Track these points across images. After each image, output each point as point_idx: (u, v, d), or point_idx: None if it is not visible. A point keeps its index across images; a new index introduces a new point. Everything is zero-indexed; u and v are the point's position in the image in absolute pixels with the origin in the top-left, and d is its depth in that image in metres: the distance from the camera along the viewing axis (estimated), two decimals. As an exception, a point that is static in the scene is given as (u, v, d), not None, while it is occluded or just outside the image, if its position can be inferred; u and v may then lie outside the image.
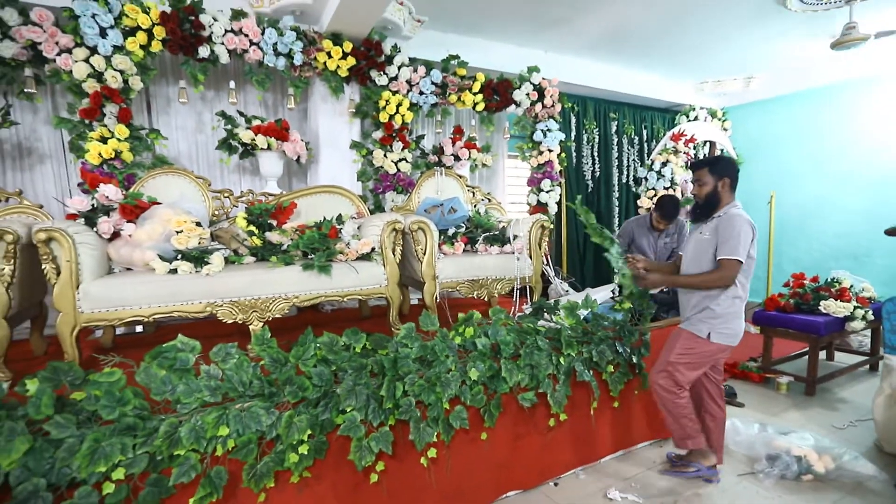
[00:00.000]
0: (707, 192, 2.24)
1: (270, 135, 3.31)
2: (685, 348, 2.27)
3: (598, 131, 5.39)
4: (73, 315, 2.08)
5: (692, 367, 2.28)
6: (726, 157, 2.29)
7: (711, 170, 2.23)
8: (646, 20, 4.03)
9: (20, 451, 1.38)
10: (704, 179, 2.24)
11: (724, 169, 2.22)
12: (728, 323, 2.20)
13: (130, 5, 2.84)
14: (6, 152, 3.18)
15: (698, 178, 2.27)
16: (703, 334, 2.23)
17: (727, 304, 2.19)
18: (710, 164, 2.25)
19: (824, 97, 5.39)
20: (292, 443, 1.72)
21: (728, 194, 2.23)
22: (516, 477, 2.28)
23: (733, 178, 2.24)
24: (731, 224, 2.12)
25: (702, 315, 2.25)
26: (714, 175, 2.22)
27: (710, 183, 2.22)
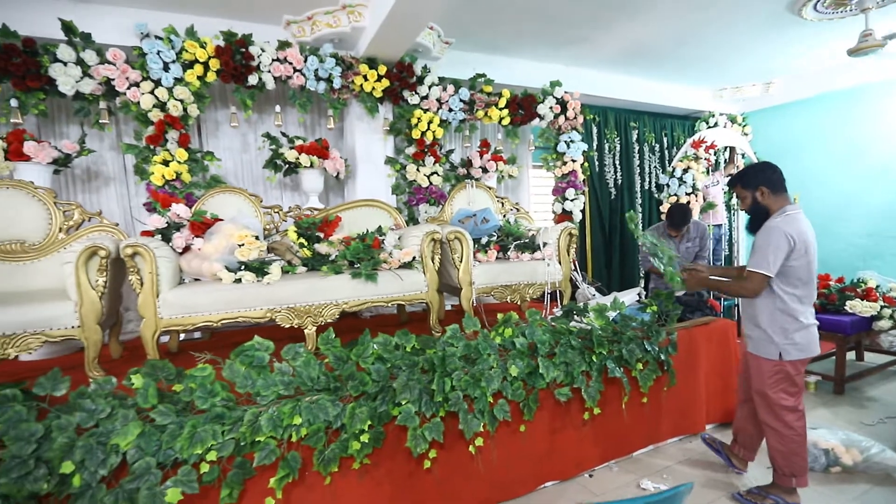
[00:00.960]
0: (749, 204, 2.24)
1: (312, 153, 3.56)
2: (769, 376, 2.18)
3: (620, 140, 5.54)
4: (155, 320, 2.33)
5: (791, 391, 2.17)
6: (757, 164, 2.34)
7: (743, 184, 2.24)
8: (662, 34, 4.20)
9: (133, 434, 1.62)
10: (742, 194, 2.25)
11: (755, 178, 2.20)
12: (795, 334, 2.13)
13: (189, 41, 3.14)
14: (77, 176, 3.50)
15: (737, 195, 2.30)
16: (775, 356, 2.17)
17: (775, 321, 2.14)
18: (739, 178, 2.26)
19: (847, 99, 5.43)
20: (355, 432, 1.92)
21: (774, 200, 2.17)
22: (554, 468, 2.44)
23: (771, 183, 2.17)
24: (766, 236, 2.10)
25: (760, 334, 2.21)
26: (748, 188, 2.22)
27: (748, 195, 2.22)
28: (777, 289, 2.13)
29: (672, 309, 2.86)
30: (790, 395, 2.18)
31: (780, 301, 2.13)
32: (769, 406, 2.21)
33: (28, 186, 2.68)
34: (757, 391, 2.26)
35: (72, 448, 1.55)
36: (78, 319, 2.22)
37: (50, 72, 2.83)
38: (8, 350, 2.09)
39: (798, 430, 2.18)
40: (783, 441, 2.19)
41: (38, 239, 2.68)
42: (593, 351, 2.48)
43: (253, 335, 1.97)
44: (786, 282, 2.11)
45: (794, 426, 2.17)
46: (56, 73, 2.83)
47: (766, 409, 2.23)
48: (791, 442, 2.18)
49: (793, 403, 2.18)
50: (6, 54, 2.73)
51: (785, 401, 2.18)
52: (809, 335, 2.15)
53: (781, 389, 2.18)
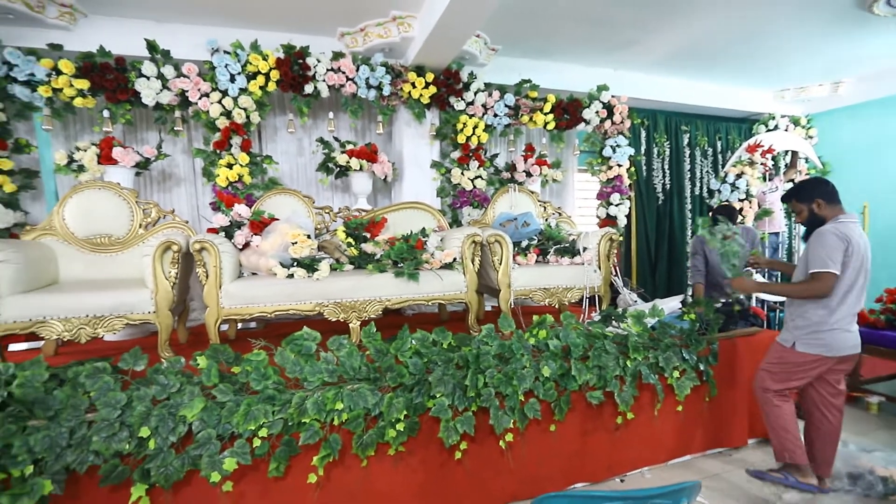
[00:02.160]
0: (806, 217, 2.35)
1: (362, 157, 3.76)
2: (774, 357, 2.41)
3: (669, 144, 5.41)
4: (217, 309, 2.58)
5: (779, 377, 2.36)
6: (809, 179, 2.42)
7: (799, 198, 2.35)
8: (716, 34, 4.08)
9: (198, 408, 1.83)
10: (798, 208, 2.37)
11: (811, 191, 2.31)
12: (817, 333, 2.24)
13: (253, 54, 3.41)
14: (154, 178, 3.88)
15: (793, 210, 2.42)
16: (788, 343, 2.34)
17: (815, 315, 2.25)
18: (794, 193, 2.39)
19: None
20: (391, 420, 2.05)
21: (829, 210, 2.28)
22: (585, 470, 2.48)
23: (825, 194, 2.28)
24: (818, 239, 2.20)
25: (790, 325, 2.37)
26: (804, 202, 2.33)
27: (804, 209, 2.34)
28: None
29: (713, 318, 2.81)
30: (776, 382, 2.36)
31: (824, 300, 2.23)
32: (759, 381, 2.43)
33: (115, 187, 3.02)
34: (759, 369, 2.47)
35: (148, 416, 1.78)
36: (153, 305, 2.50)
37: (136, 86, 3.18)
38: (98, 329, 2.40)
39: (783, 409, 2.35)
40: (769, 418, 2.39)
41: (122, 233, 3.01)
42: (628, 356, 2.49)
43: (302, 327, 2.16)
44: None
45: (777, 404, 2.36)
46: (140, 86, 3.18)
47: (756, 382, 2.45)
48: (777, 419, 2.36)
49: (776, 388, 2.36)
50: (101, 72, 3.09)
51: (768, 384, 2.38)
52: (835, 337, 2.23)
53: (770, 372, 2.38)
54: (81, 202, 2.94)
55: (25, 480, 1.66)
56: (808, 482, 2.34)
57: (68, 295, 2.40)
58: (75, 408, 1.78)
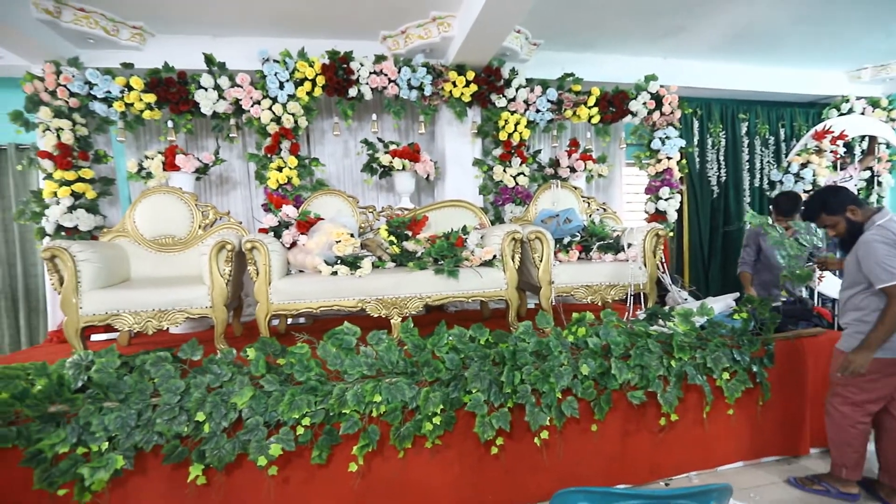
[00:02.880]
0: (843, 228, 2.24)
1: (405, 157, 3.84)
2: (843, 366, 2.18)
3: (725, 134, 5.12)
4: (267, 305, 2.73)
5: (856, 390, 2.19)
6: (826, 188, 2.32)
7: (829, 211, 2.24)
8: (777, 14, 3.81)
9: (247, 396, 1.96)
10: (831, 221, 2.26)
11: (839, 201, 2.22)
12: None
13: (301, 62, 3.57)
14: (211, 182, 4.16)
15: (826, 225, 2.29)
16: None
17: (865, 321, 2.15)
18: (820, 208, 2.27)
19: None
20: (428, 414, 2.10)
21: (863, 213, 2.20)
22: (626, 471, 2.42)
23: (854, 199, 2.22)
24: (869, 252, 2.08)
25: (851, 330, 2.23)
26: (836, 213, 2.23)
27: (839, 220, 2.23)
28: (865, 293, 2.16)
29: (769, 318, 2.65)
30: (859, 390, 2.19)
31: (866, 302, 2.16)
32: (834, 394, 2.28)
33: (178, 192, 3.27)
34: (830, 378, 2.32)
35: (203, 402, 1.93)
36: (210, 301, 2.69)
37: (195, 97, 3.42)
38: (162, 322, 2.62)
39: (853, 423, 2.21)
40: (838, 430, 2.26)
41: (184, 234, 3.26)
42: (672, 356, 2.40)
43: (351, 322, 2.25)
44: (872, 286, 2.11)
45: (850, 417, 2.21)
46: (199, 97, 3.42)
47: (830, 395, 2.31)
48: (845, 433, 2.23)
49: (857, 399, 2.20)
50: (166, 86, 3.36)
51: (851, 394, 2.21)
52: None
53: (851, 382, 2.19)
54: (149, 206, 3.21)
55: (102, 455, 1.85)
56: (849, 491, 2.26)
57: (138, 291, 2.64)
58: (142, 392, 1.96)
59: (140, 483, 1.96)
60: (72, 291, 2.54)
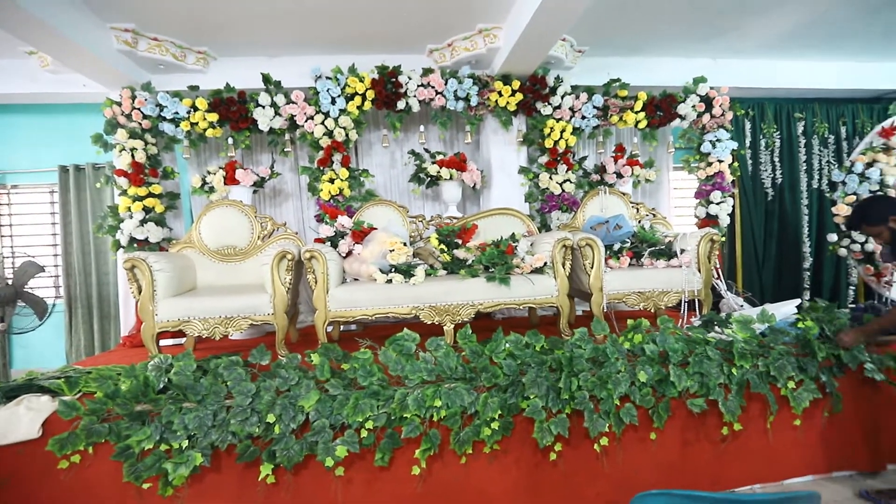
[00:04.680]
0: (888, 237, 2.28)
1: (452, 167, 3.91)
2: None
3: (780, 134, 4.94)
4: (325, 312, 2.85)
5: None
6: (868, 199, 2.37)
7: (869, 222, 2.26)
8: (833, 8, 3.67)
9: (313, 399, 2.05)
10: (874, 231, 2.27)
11: (879, 211, 2.25)
12: None
13: (352, 77, 3.71)
14: (266, 194, 4.36)
15: (868, 235, 2.30)
16: None
17: None
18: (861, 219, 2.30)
19: None
20: (486, 419, 2.13)
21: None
22: (687, 481, 2.36)
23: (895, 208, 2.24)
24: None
25: None
26: (878, 223, 2.27)
27: (882, 229, 2.26)
28: None
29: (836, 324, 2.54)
30: None
31: None
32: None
33: (238, 204, 3.46)
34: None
35: (273, 404, 2.03)
36: (272, 308, 2.83)
37: (253, 114, 3.61)
38: (228, 329, 2.77)
39: None
40: None
41: (244, 245, 3.44)
42: (733, 363, 2.34)
43: (399, 329, 2.32)
44: None
45: None
46: (257, 115, 3.61)
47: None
48: None
49: None
50: (227, 105, 3.57)
51: None
52: None
53: None
54: (213, 219, 3.41)
55: (182, 452, 1.98)
56: None
57: (206, 298, 2.80)
58: (217, 394, 2.08)
59: (215, 480, 2.08)
60: (149, 299, 2.73)
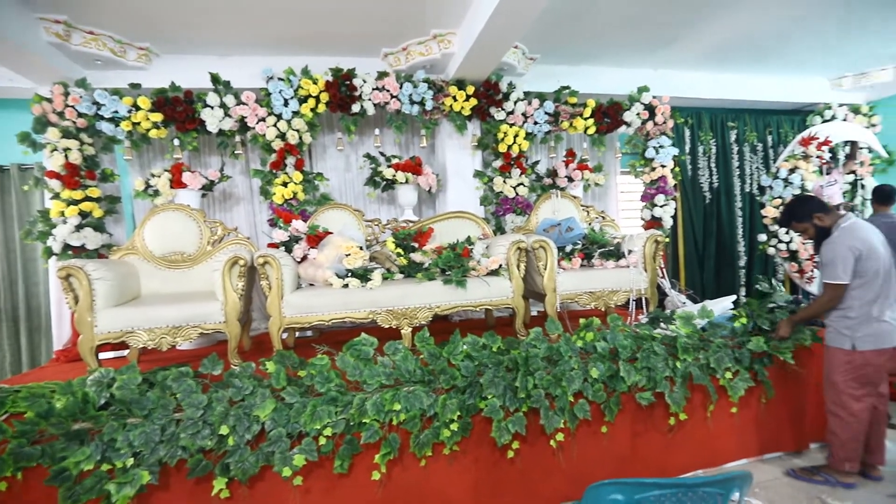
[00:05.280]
0: (812, 233, 2.49)
1: (407, 170, 3.92)
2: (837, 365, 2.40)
3: (716, 142, 5.28)
4: (279, 318, 2.78)
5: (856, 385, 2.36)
6: (795, 198, 2.62)
7: (797, 219, 2.49)
8: (761, 25, 3.96)
9: (269, 408, 2.01)
10: (801, 227, 2.51)
11: (805, 209, 2.47)
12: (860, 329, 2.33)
13: (305, 79, 3.64)
14: (216, 198, 4.20)
15: (797, 231, 2.54)
16: (847, 346, 2.37)
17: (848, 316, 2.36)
18: (789, 217, 2.54)
19: None
20: (445, 421, 2.16)
21: (829, 218, 2.43)
22: (637, 471, 2.48)
23: (820, 206, 2.46)
24: (829, 250, 2.37)
25: (833, 325, 2.43)
26: (804, 220, 2.48)
27: (808, 226, 2.49)
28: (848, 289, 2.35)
29: (766, 318, 2.75)
30: (859, 385, 2.36)
31: (847, 300, 2.35)
32: (836, 394, 2.40)
33: (186, 209, 3.32)
34: (827, 379, 2.46)
35: (226, 415, 1.97)
36: (223, 316, 2.73)
37: (201, 115, 3.48)
38: (176, 338, 2.65)
39: (859, 419, 2.35)
40: (845, 428, 2.38)
41: (193, 251, 3.30)
42: (677, 357, 2.49)
43: (356, 334, 2.31)
44: (851, 283, 2.33)
45: (857, 414, 2.35)
46: (205, 115, 3.47)
47: (834, 396, 2.42)
48: (851, 429, 2.36)
49: (860, 393, 2.36)
50: (173, 105, 3.42)
51: (852, 389, 2.36)
52: (882, 328, 2.32)
53: (852, 378, 2.36)
54: (158, 224, 3.25)
55: (127, 471, 1.88)
56: (849, 481, 2.41)
57: (152, 307, 2.67)
58: (165, 408, 1.99)
59: (164, 498, 1.99)
60: (87, 310, 2.57)
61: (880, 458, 2.46)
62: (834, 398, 2.42)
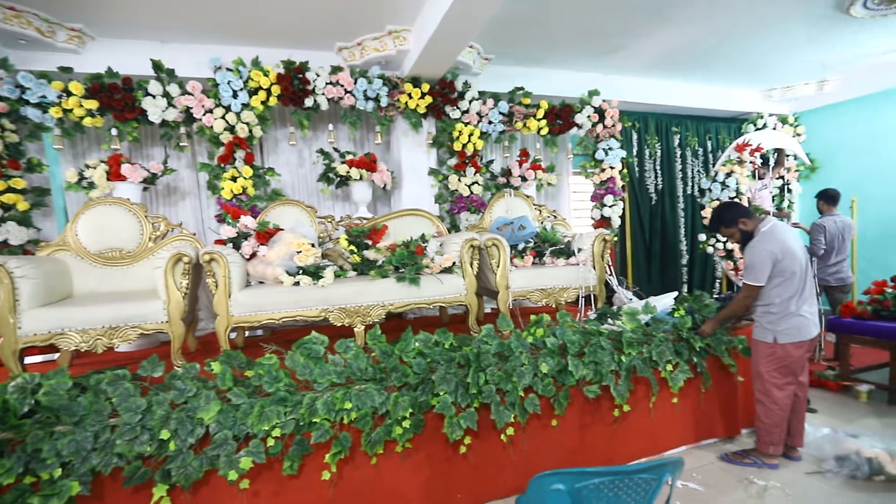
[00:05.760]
0: (738, 237, 2.67)
1: (362, 167, 3.88)
2: (762, 357, 2.59)
3: (661, 145, 5.55)
4: (227, 317, 2.68)
5: (778, 375, 2.55)
6: (722, 205, 2.79)
7: (725, 224, 2.67)
8: (701, 37, 4.20)
9: (214, 410, 1.93)
10: (727, 232, 2.69)
11: (731, 215, 2.64)
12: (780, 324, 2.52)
13: (255, 71, 3.52)
14: (160, 192, 4.00)
15: (724, 236, 2.75)
16: (769, 339, 2.55)
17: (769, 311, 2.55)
18: (718, 223, 2.71)
19: (909, 96, 5.17)
20: (397, 418, 2.16)
21: (752, 223, 2.61)
22: (585, 462, 2.57)
23: (743, 212, 2.64)
24: (750, 253, 2.56)
25: (759, 320, 2.61)
26: (730, 226, 2.65)
27: (734, 231, 2.66)
28: (766, 289, 2.54)
29: (705, 313, 2.92)
30: (781, 375, 2.55)
31: (769, 297, 2.54)
32: (762, 383, 2.60)
33: (125, 203, 3.13)
34: (754, 370, 2.65)
35: (168, 419, 1.88)
36: (166, 315, 2.60)
37: (142, 104, 3.29)
38: (113, 340, 2.50)
39: (782, 406, 2.56)
40: (769, 414, 2.58)
41: (133, 247, 3.12)
42: (622, 351, 2.60)
43: (308, 333, 2.26)
44: (770, 283, 2.52)
45: (780, 402, 2.55)
46: (147, 104, 3.29)
47: (760, 385, 2.61)
48: (775, 416, 2.56)
49: (782, 383, 2.55)
50: (109, 92, 3.21)
51: (776, 379, 2.56)
52: (800, 322, 2.51)
53: (774, 369, 2.56)
54: (93, 218, 3.05)
55: (54, 482, 1.75)
56: (773, 462, 2.62)
57: (85, 307, 2.50)
58: (98, 413, 1.88)
59: (98, 509, 1.88)
60: (8, 310, 2.37)
61: (800, 440, 2.69)
62: (759, 387, 2.61)
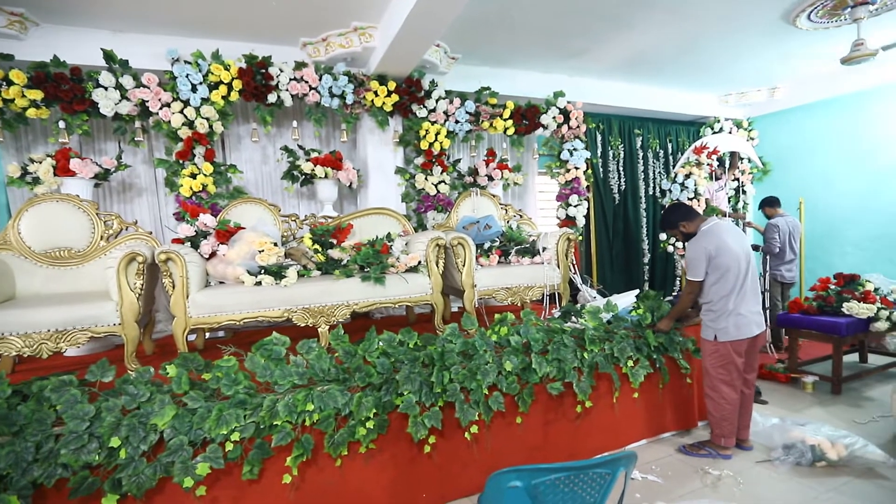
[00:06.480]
0: (681, 237, 2.85)
1: (327, 165, 3.81)
2: (707, 354, 2.73)
3: (624, 147, 5.69)
4: (185, 319, 2.59)
5: (724, 371, 2.66)
6: (666, 209, 2.94)
7: (669, 226, 2.85)
8: (661, 43, 4.33)
9: (169, 415, 1.87)
10: (671, 234, 2.89)
11: (672, 219, 2.82)
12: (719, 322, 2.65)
13: (215, 64, 3.41)
14: (114, 189, 3.83)
15: (671, 236, 2.92)
16: (711, 337, 2.69)
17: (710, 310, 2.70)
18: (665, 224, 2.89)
19: (852, 103, 5.47)
20: (361, 419, 2.13)
21: (693, 224, 2.76)
22: (549, 458, 2.61)
23: (683, 215, 2.80)
24: (688, 251, 2.72)
25: (703, 318, 2.75)
26: (673, 227, 2.83)
27: (676, 232, 2.84)
28: (706, 287, 2.68)
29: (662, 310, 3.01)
30: (726, 372, 2.66)
31: (709, 295, 2.68)
32: (710, 379, 2.72)
33: (74, 199, 2.98)
34: (703, 366, 2.79)
35: (118, 426, 1.80)
36: (119, 317, 2.50)
37: (93, 96, 3.14)
38: (60, 344, 2.38)
39: (730, 401, 2.67)
40: (718, 409, 2.70)
41: (83, 246, 2.98)
42: (585, 349, 2.65)
43: (270, 334, 2.21)
44: (708, 280, 2.66)
45: (727, 397, 2.67)
46: (98, 97, 3.14)
47: (708, 381, 2.74)
48: (723, 409, 2.68)
49: (728, 379, 2.66)
50: (56, 82, 3.05)
51: (721, 375, 2.67)
52: (739, 320, 2.62)
53: (719, 366, 2.68)
54: (38, 215, 2.89)
55: (-8, 497, 1.66)
56: (726, 452, 2.74)
57: (28, 310, 2.37)
58: (41, 422, 1.79)
59: (41, 522, 1.78)
60: (-57, 314, 2.23)
61: (745, 434, 2.84)
62: (708, 383, 2.74)
